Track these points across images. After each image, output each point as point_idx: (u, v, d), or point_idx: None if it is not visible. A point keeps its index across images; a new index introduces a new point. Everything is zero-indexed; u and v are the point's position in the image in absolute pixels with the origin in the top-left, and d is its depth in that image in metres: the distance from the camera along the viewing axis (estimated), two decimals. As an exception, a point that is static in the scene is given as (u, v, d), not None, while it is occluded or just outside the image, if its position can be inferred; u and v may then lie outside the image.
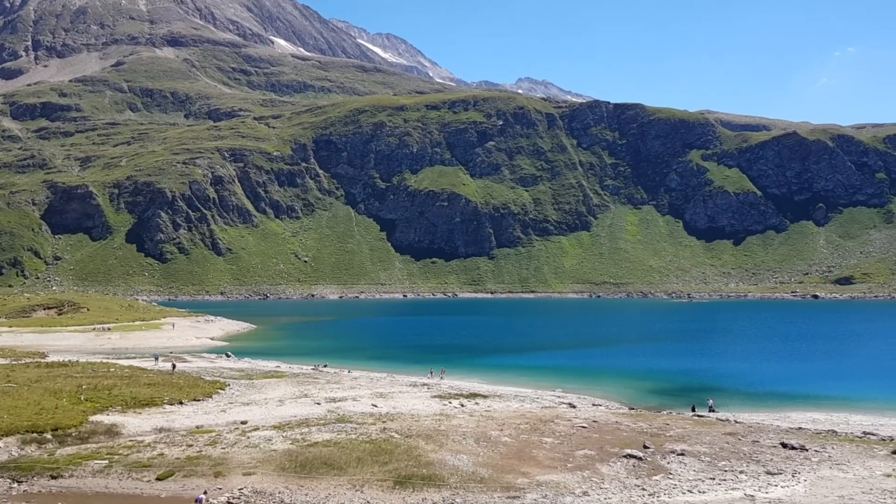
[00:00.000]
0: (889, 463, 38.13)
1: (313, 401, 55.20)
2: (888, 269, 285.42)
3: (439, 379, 74.30)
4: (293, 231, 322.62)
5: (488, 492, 31.71)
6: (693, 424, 47.82)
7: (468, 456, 37.00)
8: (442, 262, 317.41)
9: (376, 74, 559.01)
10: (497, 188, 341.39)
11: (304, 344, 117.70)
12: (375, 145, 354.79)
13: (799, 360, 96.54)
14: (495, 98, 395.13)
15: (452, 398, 58.73)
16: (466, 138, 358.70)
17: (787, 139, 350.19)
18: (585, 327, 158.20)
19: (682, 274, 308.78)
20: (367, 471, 34.00)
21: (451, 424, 45.01)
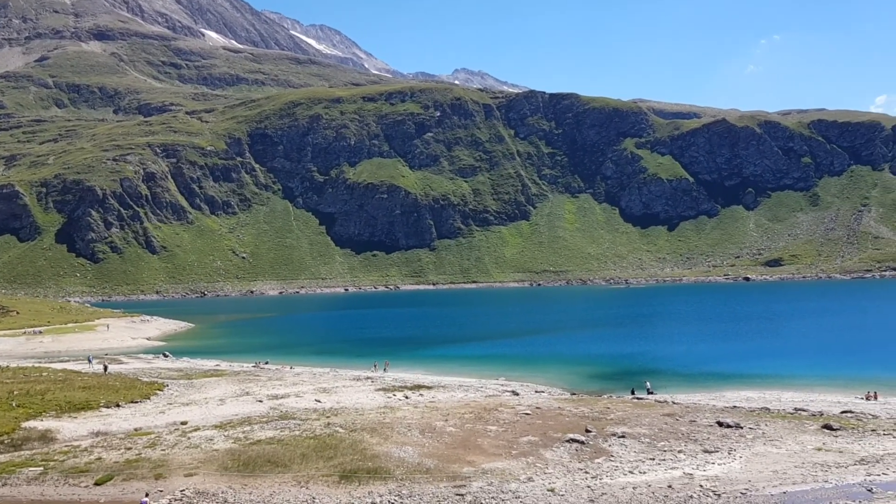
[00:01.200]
0: (819, 437, 39.63)
1: (255, 398, 54.52)
2: (815, 250, 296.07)
3: (383, 372, 74.19)
4: (230, 227, 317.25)
5: (434, 482, 31.85)
6: (633, 407, 48.85)
7: (414, 447, 37.08)
8: (383, 255, 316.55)
9: (311, 66, 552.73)
10: (436, 179, 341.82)
11: (245, 341, 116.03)
12: (312, 138, 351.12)
13: (732, 341, 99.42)
14: (432, 89, 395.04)
15: (397, 390, 58.71)
16: (404, 130, 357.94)
17: (717, 126, 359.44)
18: (527, 315, 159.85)
19: (619, 260, 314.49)
20: (311, 467, 33.77)
21: (396, 417, 45.02)
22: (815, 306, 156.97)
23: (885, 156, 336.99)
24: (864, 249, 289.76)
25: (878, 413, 47.40)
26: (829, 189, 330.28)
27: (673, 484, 31.28)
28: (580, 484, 31.59)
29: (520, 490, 30.73)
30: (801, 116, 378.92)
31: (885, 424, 42.81)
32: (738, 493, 30.04)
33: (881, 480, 31.38)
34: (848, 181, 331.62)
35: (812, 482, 31.40)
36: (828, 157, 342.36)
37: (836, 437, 39.58)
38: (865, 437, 39.38)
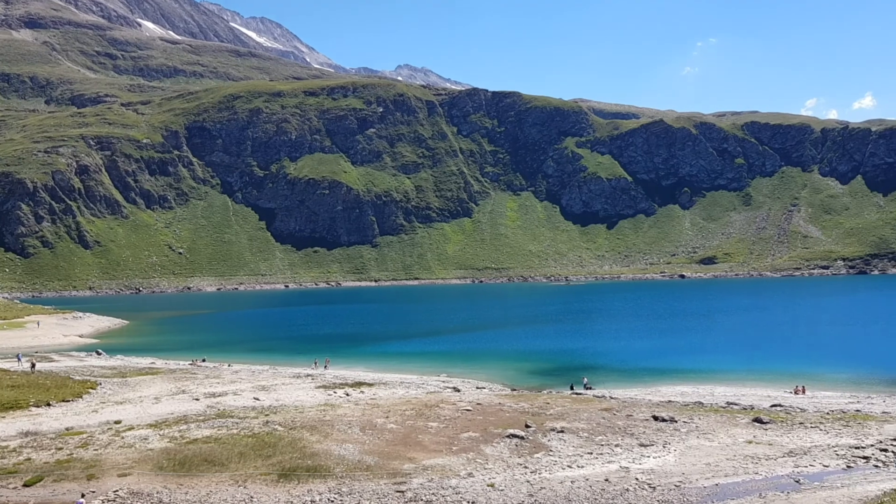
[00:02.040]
0: (750, 430, 40.83)
1: (192, 397, 53.49)
2: (747, 248, 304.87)
3: (323, 369, 73.62)
4: (166, 222, 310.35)
5: (375, 479, 31.75)
6: (572, 402, 49.53)
7: (354, 445, 36.90)
8: (324, 251, 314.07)
9: (251, 59, 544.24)
10: (379, 176, 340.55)
11: (181, 339, 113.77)
12: (252, 132, 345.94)
13: (668, 337, 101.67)
14: (375, 85, 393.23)
15: (337, 388, 58.35)
16: (346, 125, 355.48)
17: (655, 127, 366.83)
18: (469, 312, 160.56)
19: (559, 258, 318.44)
20: (249, 465, 33.30)
21: (337, 414, 44.74)
22: (747, 303, 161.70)
23: (815, 157, 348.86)
24: (794, 248, 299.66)
25: (805, 407, 49.06)
26: (761, 189, 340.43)
27: (610, 477, 31.82)
28: (520, 479, 31.89)
29: (460, 486, 30.87)
30: (735, 118, 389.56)
31: (812, 418, 44.34)
32: (673, 485, 30.74)
33: (808, 472, 32.49)
34: (779, 182, 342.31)
35: (743, 474, 32.32)
36: (760, 159, 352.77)
37: (766, 430, 40.82)
38: (794, 430, 40.72)
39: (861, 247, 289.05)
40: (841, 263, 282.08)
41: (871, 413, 46.28)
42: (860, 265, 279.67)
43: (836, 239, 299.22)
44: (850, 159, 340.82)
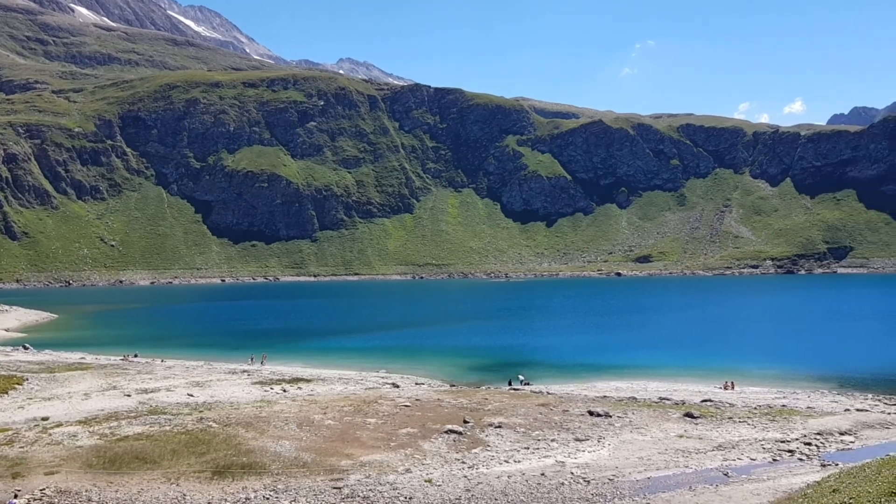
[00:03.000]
0: (681, 424, 41.87)
1: (123, 393, 52.15)
2: (681, 248, 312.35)
3: (260, 365, 72.64)
4: (98, 213, 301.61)
5: (311, 476, 31.49)
6: (510, 398, 49.98)
7: (291, 441, 36.52)
8: (262, 246, 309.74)
9: (189, 48, 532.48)
10: (319, 170, 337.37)
11: (113, 333, 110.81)
12: (189, 123, 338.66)
13: (604, 333, 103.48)
14: (316, 78, 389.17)
15: (274, 384, 57.68)
16: (286, 118, 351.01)
17: (594, 127, 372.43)
18: (409, 308, 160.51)
19: (499, 255, 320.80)
20: (182, 463, 32.65)
21: (273, 411, 44.21)
22: (680, 301, 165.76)
23: (746, 160, 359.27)
24: (726, 248, 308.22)
25: (734, 402, 50.53)
26: (695, 190, 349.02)
27: (546, 472, 32.23)
28: (457, 474, 32.05)
29: (398, 482, 30.85)
30: (672, 120, 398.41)
31: (740, 412, 45.70)
32: (606, 479, 31.31)
33: (736, 465, 33.50)
34: (712, 183, 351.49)
35: (674, 467, 33.13)
36: (694, 160, 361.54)
37: (696, 424, 41.91)
38: (723, 425, 41.91)
39: (789, 247, 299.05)
40: (770, 263, 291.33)
41: (796, 408, 47.93)
42: (788, 265, 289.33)
43: (765, 239, 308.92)
44: (779, 162, 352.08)
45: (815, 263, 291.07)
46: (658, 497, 28.71)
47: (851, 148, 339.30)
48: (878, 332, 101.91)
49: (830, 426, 41.39)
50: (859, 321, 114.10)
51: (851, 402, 50.68)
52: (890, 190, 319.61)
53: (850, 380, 62.01)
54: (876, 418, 44.02)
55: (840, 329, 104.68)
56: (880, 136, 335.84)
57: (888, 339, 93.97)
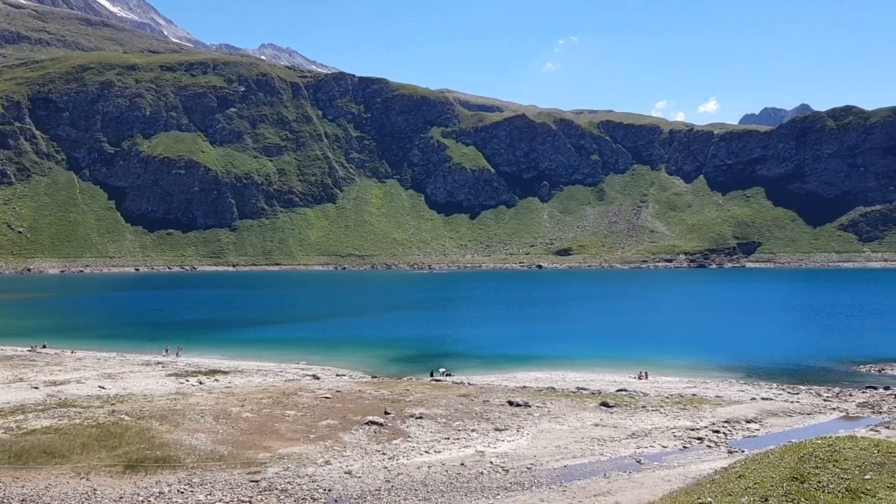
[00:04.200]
0: (598, 414, 42.89)
1: (30, 385, 50.01)
2: (600, 241, 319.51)
3: (175, 357, 70.83)
4: (5, 198, 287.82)
5: (228, 469, 30.90)
6: (431, 389, 50.18)
7: (207, 434, 35.74)
8: (179, 234, 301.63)
9: (104, 29, 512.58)
10: (239, 157, 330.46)
11: (19, 323, 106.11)
12: (103, 106, 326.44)
13: (525, 324, 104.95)
14: (237, 63, 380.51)
15: (190, 376, 56.40)
16: (205, 103, 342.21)
17: (517, 121, 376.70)
18: (331, 299, 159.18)
19: (423, 246, 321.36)
20: (93, 457, 31.55)
21: (189, 403, 43.17)
22: (599, 292, 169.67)
23: (662, 157, 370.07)
24: (642, 242, 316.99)
25: (647, 391, 52.07)
26: (614, 185, 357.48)
27: (465, 461, 32.50)
28: (377, 465, 31.99)
29: (317, 474, 30.59)
30: (592, 116, 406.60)
31: (653, 401, 47.12)
32: (525, 467, 31.80)
33: (649, 452, 34.52)
34: (630, 179, 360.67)
35: (590, 455, 33.91)
36: (613, 156, 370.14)
37: (611, 413, 43.00)
38: (636, 413, 43.12)
39: (701, 242, 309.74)
40: (683, 257, 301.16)
41: (705, 397, 49.72)
42: (700, 259, 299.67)
43: (679, 234, 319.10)
44: (693, 160, 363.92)
45: (725, 258, 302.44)
46: (574, 484, 29.33)
47: (761, 147, 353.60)
48: (783, 324, 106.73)
49: (737, 414, 43.11)
50: (765, 314, 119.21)
51: (757, 392, 52.89)
52: (796, 188, 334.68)
53: (757, 370, 64.71)
54: (779, 406, 46.09)
55: (747, 321, 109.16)
56: (788, 137, 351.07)
57: (792, 330, 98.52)
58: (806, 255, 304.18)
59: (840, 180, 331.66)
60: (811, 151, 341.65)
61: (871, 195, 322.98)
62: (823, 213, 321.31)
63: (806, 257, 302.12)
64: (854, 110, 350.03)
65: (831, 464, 21.65)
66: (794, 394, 52.13)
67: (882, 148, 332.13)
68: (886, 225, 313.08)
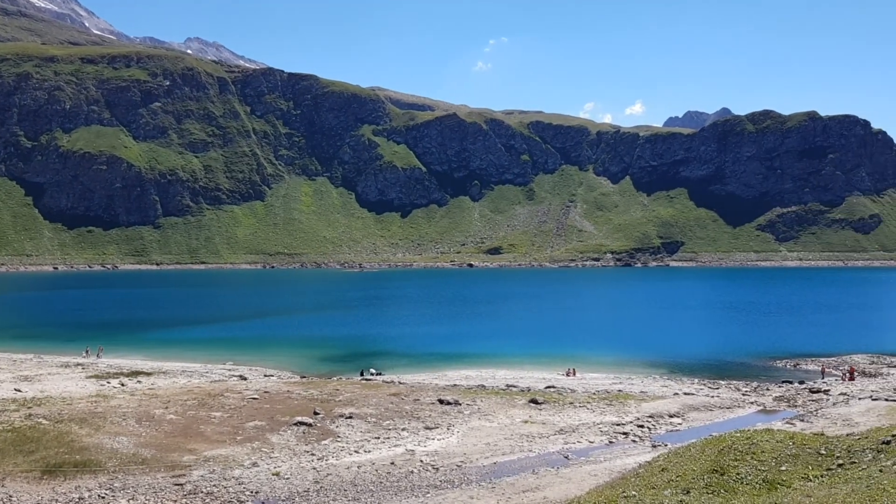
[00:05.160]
0: (527, 411, 43.40)
1: (-63, 390, 47.68)
2: (529, 241, 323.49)
3: (96, 358, 68.61)
4: None
5: (151, 472, 30.09)
6: (361, 388, 49.91)
7: (129, 437, 34.72)
8: (100, 232, 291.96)
9: (21, 19, 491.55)
10: (164, 153, 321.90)
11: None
12: (19, 99, 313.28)
13: (456, 323, 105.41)
14: (162, 56, 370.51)
15: (112, 377, 54.74)
16: (129, 97, 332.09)
17: (449, 120, 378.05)
18: (259, 298, 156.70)
19: (354, 244, 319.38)
20: (9, 462, 30.28)
21: (110, 405, 41.85)
22: (528, 291, 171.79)
23: (590, 158, 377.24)
24: (570, 241, 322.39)
25: (575, 387, 52.98)
26: (544, 185, 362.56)
27: (395, 461, 32.46)
28: (306, 466, 31.66)
29: (244, 476, 30.07)
30: (522, 117, 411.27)
31: (580, 398, 47.97)
32: (455, 465, 31.95)
33: (576, 448, 35.13)
34: (559, 179, 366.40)
35: (519, 452, 34.30)
36: (543, 156, 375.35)
37: (540, 410, 43.59)
38: (564, 410, 43.83)
39: (627, 241, 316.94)
40: (610, 256, 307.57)
41: (631, 393, 50.90)
42: (626, 258, 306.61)
43: (606, 234, 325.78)
44: (620, 161, 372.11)
45: (650, 257, 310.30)
46: (503, 481, 29.62)
47: (684, 149, 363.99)
48: (705, 321, 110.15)
49: (661, 409, 44.28)
50: (688, 311, 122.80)
51: (680, 387, 54.43)
52: (717, 189, 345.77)
53: (680, 365, 66.60)
54: (701, 401, 47.54)
55: (671, 318, 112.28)
56: (710, 139, 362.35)
57: (713, 327, 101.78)
58: (726, 254, 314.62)
59: (758, 182, 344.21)
60: (731, 154, 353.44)
61: (788, 197, 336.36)
62: (743, 213, 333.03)
63: (726, 256, 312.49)
64: (772, 115, 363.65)
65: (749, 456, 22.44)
66: (715, 389, 53.83)
67: (798, 151, 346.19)
68: (801, 225, 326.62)
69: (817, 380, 58.22)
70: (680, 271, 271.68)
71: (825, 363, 66.02)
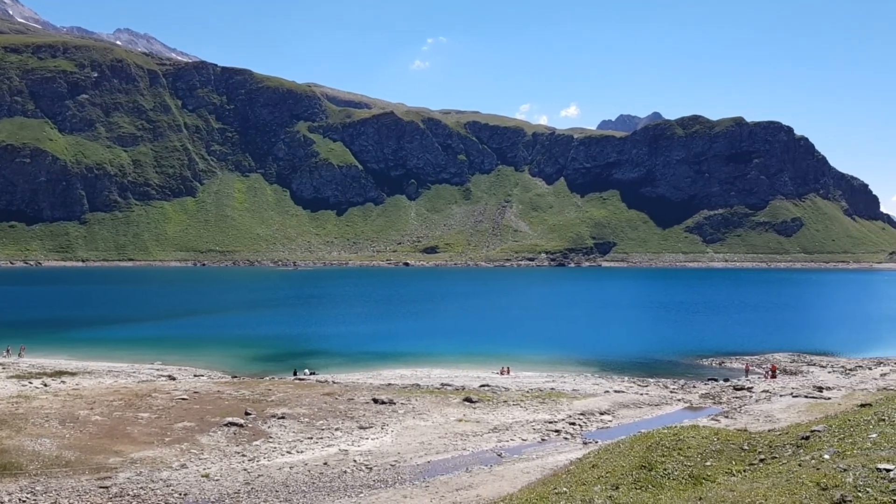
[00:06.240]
0: (461, 409, 43.64)
1: None
2: (465, 240, 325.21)
3: (17, 357, 66.14)
4: None
5: (76, 475, 29.17)
6: (294, 388, 49.37)
7: (52, 439, 33.59)
8: (23, 227, 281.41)
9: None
10: (91, 146, 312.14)
11: None
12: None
13: (391, 321, 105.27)
14: (90, 47, 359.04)
15: (34, 377, 52.84)
16: (54, 89, 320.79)
17: (386, 118, 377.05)
18: (189, 296, 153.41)
19: (288, 242, 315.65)
20: (-81, 469, 28.95)
21: (32, 407, 40.40)
22: (463, 290, 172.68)
23: (526, 159, 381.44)
24: (506, 241, 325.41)
25: (509, 386, 53.49)
26: (480, 185, 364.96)
27: (329, 461, 32.23)
28: (237, 467, 31.16)
29: (172, 478, 29.42)
30: (459, 117, 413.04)
31: (514, 396, 48.47)
32: (388, 465, 31.91)
33: (509, 446, 35.50)
34: (495, 179, 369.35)
35: (453, 451, 34.46)
36: (480, 157, 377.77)
37: (474, 408, 43.88)
38: (498, 408, 44.23)
39: (561, 242, 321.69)
40: (544, 256, 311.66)
41: (563, 391, 51.67)
42: (559, 258, 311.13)
43: (540, 234, 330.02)
44: (555, 162, 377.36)
45: (583, 257, 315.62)
46: (437, 480, 29.71)
47: (617, 152, 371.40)
48: (635, 320, 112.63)
49: (592, 407, 45.11)
50: (619, 310, 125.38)
51: (611, 385, 55.52)
52: (648, 192, 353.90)
53: (611, 364, 67.92)
54: (630, 399, 48.62)
55: (602, 317, 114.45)
56: (641, 143, 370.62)
57: (643, 326, 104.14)
58: (656, 255, 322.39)
59: (687, 185, 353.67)
60: (662, 157, 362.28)
61: (714, 199, 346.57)
62: (672, 215, 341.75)
63: (656, 257, 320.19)
64: (700, 119, 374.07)
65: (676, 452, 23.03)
66: (644, 386, 55.09)
67: (725, 156, 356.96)
68: (727, 227, 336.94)
69: (741, 378, 60.15)
70: (611, 271, 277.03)
71: (749, 361, 68.25)
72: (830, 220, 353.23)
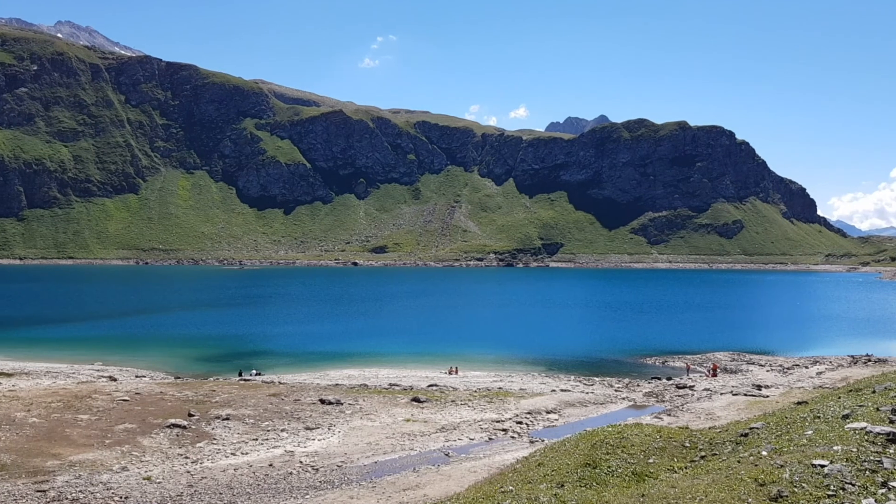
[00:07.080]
0: (409, 409, 43.59)
1: None
2: (414, 239, 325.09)
3: (-51, 358, 63.82)
4: None
5: (11, 479, 28.29)
6: (239, 389, 48.71)
7: (-15, 443, 32.50)
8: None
9: None
10: (29, 141, 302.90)
11: None
12: None
13: (338, 321, 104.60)
14: (29, 39, 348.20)
15: (-34, 380, 50.99)
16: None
17: (335, 117, 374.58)
18: (131, 296, 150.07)
19: (234, 241, 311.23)
20: None
21: (-37, 410, 39.03)
22: (412, 290, 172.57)
23: (475, 159, 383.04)
24: (455, 241, 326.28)
25: (457, 385, 53.66)
26: (430, 185, 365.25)
27: (274, 462, 31.88)
28: (179, 470, 30.60)
29: (112, 481, 28.74)
30: (409, 116, 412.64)
31: (462, 395, 48.64)
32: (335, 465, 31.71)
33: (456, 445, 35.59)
34: (445, 179, 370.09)
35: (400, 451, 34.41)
36: (430, 157, 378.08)
37: (422, 408, 43.89)
38: (446, 408, 44.32)
39: (510, 242, 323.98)
40: (493, 256, 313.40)
41: (510, 390, 52.05)
42: (508, 258, 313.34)
43: (489, 234, 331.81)
44: (504, 163, 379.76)
45: (531, 257, 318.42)
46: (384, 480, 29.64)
47: (565, 154, 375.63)
48: (581, 319, 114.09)
49: (539, 406, 45.53)
50: (565, 310, 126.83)
51: (557, 384, 56.13)
52: (595, 193, 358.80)
53: (557, 363, 68.68)
54: (576, 397, 49.23)
55: (549, 317, 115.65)
56: (588, 145, 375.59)
57: (589, 326, 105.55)
58: (602, 255, 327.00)
59: (633, 187, 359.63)
60: (608, 160, 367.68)
61: (659, 202, 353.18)
62: (618, 217, 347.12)
63: (602, 258, 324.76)
64: (646, 123, 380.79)
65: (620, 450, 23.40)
66: (590, 385, 55.84)
67: (669, 159, 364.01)
68: (671, 229, 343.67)
69: (683, 376, 61.43)
70: (559, 272, 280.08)
71: (690, 360, 69.73)
72: (770, 223, 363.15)
